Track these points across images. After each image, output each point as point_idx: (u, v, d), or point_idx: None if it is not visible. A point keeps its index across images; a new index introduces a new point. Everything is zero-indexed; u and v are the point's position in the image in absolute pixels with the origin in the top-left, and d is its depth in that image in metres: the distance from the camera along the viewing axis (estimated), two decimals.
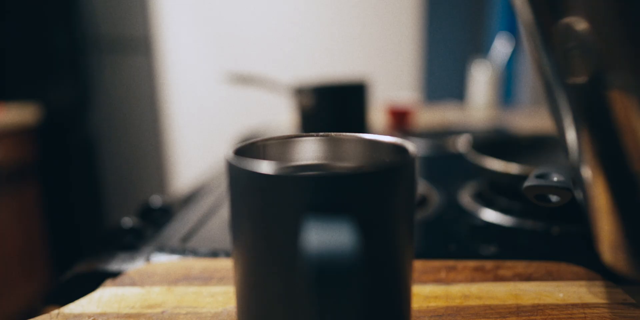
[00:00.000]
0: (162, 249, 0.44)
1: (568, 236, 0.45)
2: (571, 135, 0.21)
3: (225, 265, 0.38)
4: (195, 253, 0.42)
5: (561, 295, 0.32)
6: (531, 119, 1.32)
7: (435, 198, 0.57)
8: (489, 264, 0.37)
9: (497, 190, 0.56)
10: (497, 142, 0.66)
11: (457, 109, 1.62)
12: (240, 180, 0.23)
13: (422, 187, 0.61)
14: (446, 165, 0.79)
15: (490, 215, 0.51)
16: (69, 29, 1.65)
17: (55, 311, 0.31)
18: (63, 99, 1.67)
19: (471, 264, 0.38)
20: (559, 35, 0.21)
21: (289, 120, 1.34)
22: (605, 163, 0.19)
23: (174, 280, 0.36)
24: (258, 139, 0.28)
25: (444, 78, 2.23)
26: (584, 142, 0.20)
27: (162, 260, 0.41)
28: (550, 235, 0.46)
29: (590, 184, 0.20)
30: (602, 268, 0.36)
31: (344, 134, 0.29)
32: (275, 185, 0.21)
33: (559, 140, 0.22)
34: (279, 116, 1.83)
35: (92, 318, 0.31)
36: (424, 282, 0.35)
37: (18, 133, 1.53)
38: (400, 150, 0.26)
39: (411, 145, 0.25)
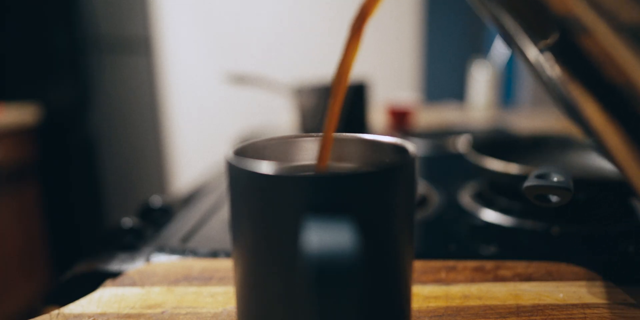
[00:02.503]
0: (162, 249, 0.44)
1: (568, 236, 0.45)
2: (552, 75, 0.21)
3: (225, 265, 0.38)
4: (195, 253, 0.42)
5: (561, 295, 0.32)
6: (531, 119, 1.32)
7: (435, 198, 0.57)
8: (489, 264, 0.37)
9: (497, 191, 0.56)
10: (497, 142, 0.66)
11: (457, 109, 1.62)
12: (240, 181, 0.23)
13: (422, 187, 0.61)
14: (446, 165, 0.79)
15: (490, 215, 0.51)
16: (69, 29, 1.65)
17: (55, 311, 0.31)
18: (63, 99, 1.67)
19: (471, 264, 0.38)
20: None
21: (289, 120, 1.34)
22: (594, 89, 0.20)
23: (174, 280, 0.36)
24: (258, 139, 0.28)
25: (444, 78, 2.23)
26: (565, 77, 0.21)
27: (162, 261, 0.41)
28: (550, 235, 0.46)
29: (590, 118, 0.20)
30: (602, 268, 0.36)
31: (344, 134, 0.29)
32: (275, 186, 0.21)
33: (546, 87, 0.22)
34: (279, 116, 1.83)
35: (92, 318, 0.31)
36: (424, 282, 0.35)
37: (18, 133, 1.53)
38: (400, 150, 0.26)
39: (411, 146, 0.25)
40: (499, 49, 1.65)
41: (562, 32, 0.19)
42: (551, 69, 0.21)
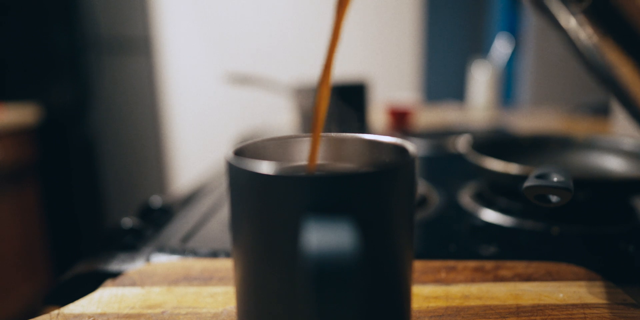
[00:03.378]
0: (162, 249, 0.44)
1: (568, 236, 0.45)
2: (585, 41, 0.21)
3: (225, 265, 0.38)
4: (195, 253, 0.42)
5: (561, 295, 0.32)
6: (531, 119, 1.32)
7: (435, 198, 0.57)
8: (489, 264, 0.37)
9: (497, 191, 0.56)
10: (497, 142, 0.66)
11: (457, 109, 1.62)
12: (240, 181, 0.23)
13: (422, 187, 0.61)
14: (446, 165, 0.79)
15: (490, 215, 0.51)
16: (69, 29, 1.65)
17: (55, 311, 0.31)
18: (63, 99, 1.67)
19: (471, 264, 0.38)
20: None
21: (289, 120, 1.34)
22: (630, 50, 0.19)
23: (174, 280, 0.36)
24: (258, 139, 0.28)
25: (444, 78, 2.23)
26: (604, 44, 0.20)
27: (162, 261, 0.41)
28: (550, 235, 0.46)
29: (627, 81, 0.19)
30: (602, 268, 0.36)
31: (344, 134, 0.29)
32: (275, 186, 0.21)
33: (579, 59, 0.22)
34: (279, 116, 1.83)
35: (92, 318, 0.31)
36: (424, 282, 0.35)
37: (18, 133, 1.53)
38: (400, 150, 0.26)
39: (411, 146, 0.25)
40: (499, 49, 1.65)
41: None
42: (585, 32, 0.20)
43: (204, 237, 0.47)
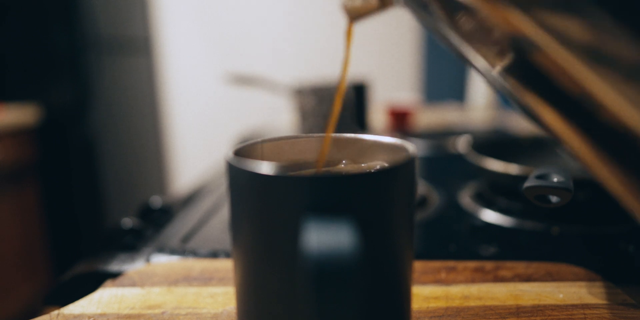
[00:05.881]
0: (162, 249, 0.44)
1: (568, 236, 0.45)
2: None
3: (225, 265, 0.38)
4: (195, 254, 0.42)
5: (561, 295, 0.32)
6: None
7: (435, 198, 0.57)
8: (489, 265, 0.37)
9: (497, 191, 0.56)
10: (497, 142, 0.66)
11: (457, 110, 1.62)
12: (240, 181, 0.23)
13: (422, 187, 0.61)
14: (446, 165, 0.79)
15: (490, 215, 0.51)
16: (69, 29, 1.65)
17: (55, 312, 0.31)
18: (63, 99, 1.67)
19: (471, 264, 0.38)
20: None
21: (289, 120, 1.34)
22: (551, 100, 0.21)
23: (174, 280, 0.36)
24: (258, 139, 0.28)
25: (444, 78, 2.23)
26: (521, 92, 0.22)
27: (162, 261, 0.41)
28: (550, 235, 0.46)
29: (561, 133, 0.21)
30: (602, 268, 0.36)
31: (344, 134, 0.29)
32: (275, 186, 0.21)
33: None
34: (279, 116, 1.83)
35: (92, 319, 0.31)
36: (424, 282, 0.35)
37: (18, 133, 1.53)
38: (400, 150, 0.26)
39: (411, 146, 0.25)
40: None
41: (515, 51, 0.21)
42: (508, 82, 0.22)
43: (204, 237, 0.47)
